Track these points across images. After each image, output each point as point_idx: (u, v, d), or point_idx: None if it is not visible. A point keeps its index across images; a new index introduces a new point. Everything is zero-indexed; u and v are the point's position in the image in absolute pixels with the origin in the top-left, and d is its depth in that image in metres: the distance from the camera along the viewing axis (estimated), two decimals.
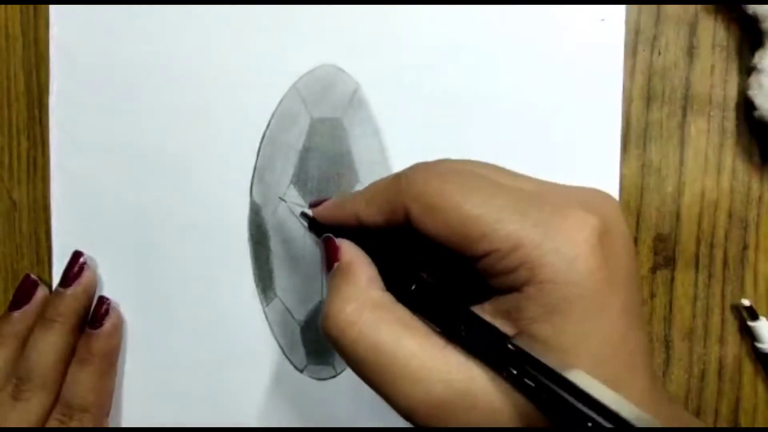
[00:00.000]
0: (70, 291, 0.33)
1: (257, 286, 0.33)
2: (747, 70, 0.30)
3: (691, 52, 0.31)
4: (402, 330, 0.21)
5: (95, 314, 0.33)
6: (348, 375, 0.33)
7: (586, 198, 0.22)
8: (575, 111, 0.31)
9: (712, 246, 0.31)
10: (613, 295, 0.20)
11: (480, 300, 0.22)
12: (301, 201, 0.33)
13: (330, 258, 0.24)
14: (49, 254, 0.35)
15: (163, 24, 0.33)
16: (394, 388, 0.21)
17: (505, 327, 0.21)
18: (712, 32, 0.31)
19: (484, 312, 0.21)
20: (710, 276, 0.31)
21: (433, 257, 0.24)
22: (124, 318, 0.34)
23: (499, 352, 0.20)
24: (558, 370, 0.18)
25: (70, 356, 0.33)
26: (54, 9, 0.34)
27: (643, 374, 0.21)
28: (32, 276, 0.34)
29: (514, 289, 0.20)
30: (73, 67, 0.34)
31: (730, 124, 0.31)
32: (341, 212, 0.26)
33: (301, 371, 0.33)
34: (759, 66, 0.29)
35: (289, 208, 0.32)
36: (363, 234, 0.25)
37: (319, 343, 0.33)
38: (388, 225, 0.23)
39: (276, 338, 0.33)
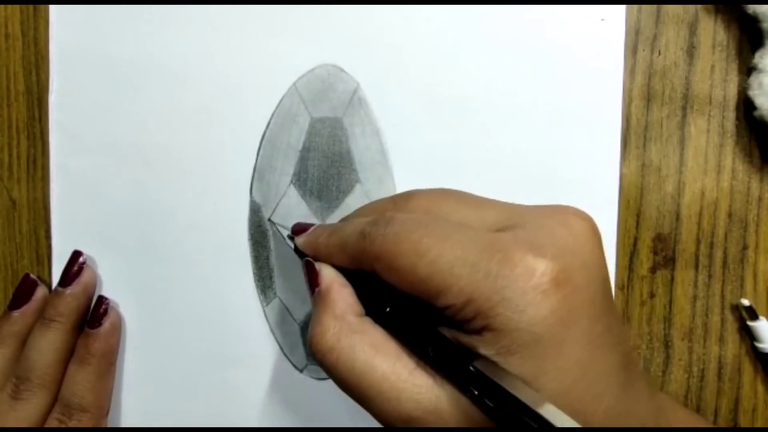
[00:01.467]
0: (69, 290, 0.33)
1: (257, 285, 0.33)
2: (747, 70, 0.30)
3: (691, 52, 0.31)
4: (374, 353, 0.23)
5: (94, 314, 0.33)
6: None
7: (549, 228, 0.22)
8: (575, 111, 0.31)
9: (712, 246, 0.31)
10: (571, 330, 0.21)
11: (450, 323, 0.23)
12: (300, 200, 0.33)
13: (311, 283, 0.26)
14: (48, 254, 0.35)
15: (163, 24, 0.33)
16: (370, 404, 0.23)
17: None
18: (712, 32, 0.31)
19: (454, 334, 0.23)
20: (710, 276, 0.31)
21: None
22: (123, 318, 0.34)
23: (462, 373, 0.21)
24: (511, 391, 0.20)
25: (69, 356, 0.33)
26: (54, 9, 0.34)
27: (612, 394, 0.22)
28: (32, 276, 0.34)
29: (476, 332, 0.22)
30: (73, 67, 0.34)
31: (730, 124, 0.31)
32: (319, 251, 0.27)
33: (301, 371, 0.33)
34: (759, 66, 0.29)
35: (277, 230, 0.33)
36: None
37: None
38: (360, 270, 0.25)
39: (276, 338, 0.33)
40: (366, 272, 0.25)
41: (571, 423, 0.19)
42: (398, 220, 0.23)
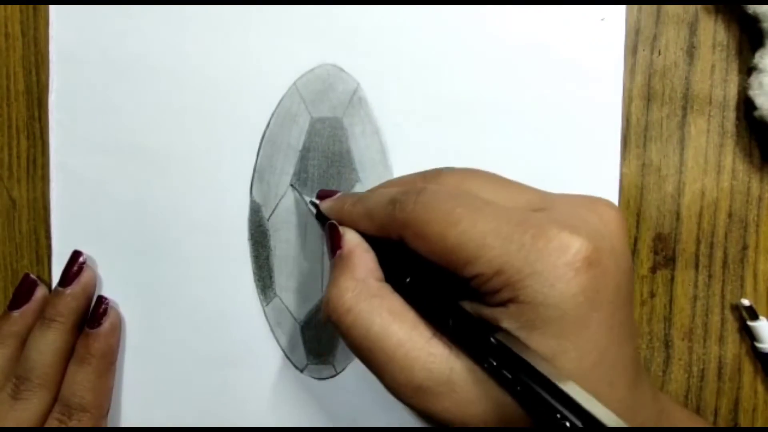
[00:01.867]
0: (69, 290, 0.33)
1: (257, 285, 0.33)
2: (747, 70, 0.30)
3: (691, 52, 0.31)
4: (392, 319, 0.23)
5: (94, 314, 0.33)
6: (348, 375, 0.33)
7: (580, 214, 0.22)
8: (575, 111, 0.31)
9: (712, 246, 0.31)
10: (596, 313, 0.21)
11: (473, 295, 0.23)
12: (300, 200, 0.33)
13: (333, 245, 0.26)
14: (48, 253, 0.35)
15: (163, 24, 0.33)
16: (382, 371, 0.23)
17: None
18: (712, 32, 0.31)
19: (475, 307, 0.23)
20: (710, 276, 0.31)
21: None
22: (123, 317, 0.34)
23: (481, 345, 0.21)
24: (534, 365, 0.20)
25: (69, 355, 0.33)
26: (54, 9, 0.34)
27: (624, 385, 0.22)
28: (31, 275, 0.34)
29: (501, 304, 0.21)
30: (73, 67, 0.34)
31: (730, 124, 0.31)
32: (343, 217, 0.27)
33: (302, 371, 0.33)
34: (759, 66, 0.29)
35: (300, 195, 0.33)
36: None
37: (319, 343, 0.33)
38: (385, 238, 0.25)
39: (276, 338, 0.33)
40: (389, 241, 0.24)
41: (596, 403, 0.19)
42: (430, 190, 0.23)
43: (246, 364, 0.34)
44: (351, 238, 0.26)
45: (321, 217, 0.29)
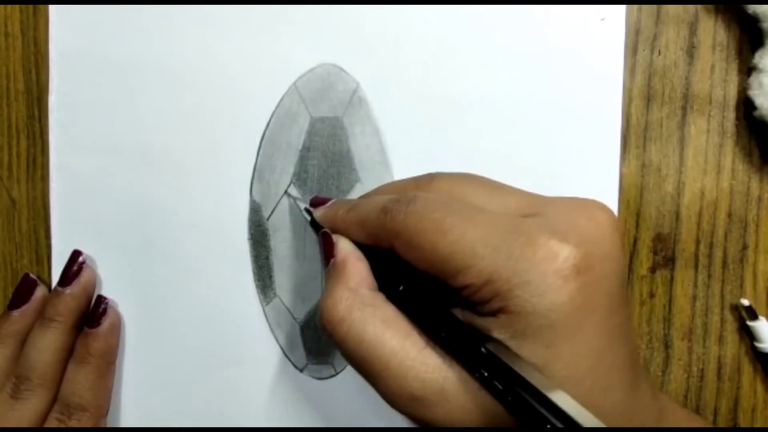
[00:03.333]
0: (69, 290, 0.33)
1: (257, 285, 0.33)
2: (747, 70, 0.30)
3: (691, 52, 0.31)
4: (385, 329, 0.23)
5: (93, 314, 0.33)
6: (348, 374, 0.33)
7: (571, 218, 0.22)
8: (575, 111, 0.31)
9: (711, 246, 0.31)
10: (588, 320, 0.21)
11: (465, 303, 0.23)
12: (303, 198, 0.33)
13: (327, 253, 0.26)
14: (48, 253, 0.35)
15: (163, 24, 0.33)
16: (376, 380, 0.23)
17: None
18: (712, 32, 0.31)
19: (467, 316, 0.23)
20: (710, 276, 0.31)
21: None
22: (122, 317, 0.34)
23: (473, 355, 0.21)
24: (523, 375, 0.20)
25: (68, 355, 0.33)
26: (54, 9, 0.34)
27: (621, 388, 0.22)
28: (31, 275, 0.34)
29: (491, 314, 0.21)
30: (73, 67, 0.34)
31: (730, 124, 0.31)
32: (336, 225, 0.27)
33: (301, 370, 0.33)
34: (759, 66, 0.29)
35: (294, 202, 0.33)
36: None
37: (319, 342, 0.33)
38: (377, 247, 0.25)
39: (276, 337, 0.33)
40: (382, 250, 0.24)
41: (583, 411, 0.19)
42: (421, 199, 0.23)
43: (246, 364, 0.34)
44: (344, 247, 0.26)
45: (315, 224, 0.29)
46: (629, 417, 0.22)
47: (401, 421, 0.33)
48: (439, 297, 0.23)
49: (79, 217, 0.34)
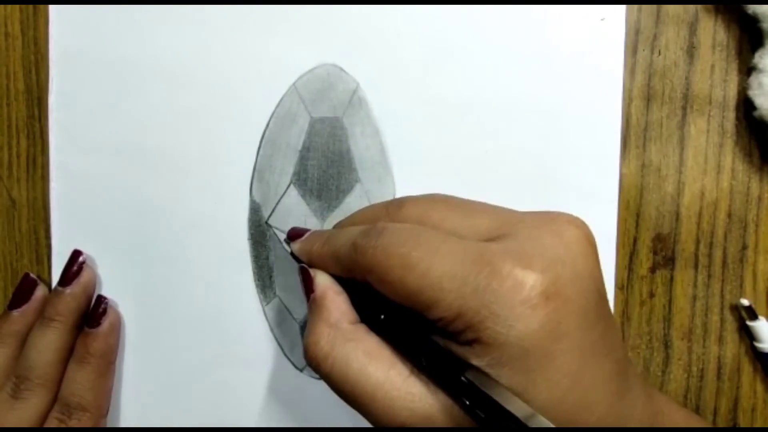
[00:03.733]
0: (69, 290, 0.33)
1: (257, 285, 0.33)
2: (747, 70, 0.30)
3: (691, 52, 0.31)
4: (368, 361, 0.23)
5: (93, 314, 0.33)
6: None
7: (539, 239, 0.22)
8: (575, 111, 0.31)
9: (711, 246, 0.31)
10: (561, 342, 0.21)
11: (443, 332, 0.23)
12: (300, 200, 0.33)
13: (306, 289, 0.27)
14: (48, 253, 0.35)
15: (163, 24, 0.33)
16: (366, 412, 0.23)
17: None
18: (712, 32, 0.31)
19: (447, 343, 0.23)
20: (709, 276, 0.31)
21: None
22: (122, 317, 0.34)
23: (454, 383, 0.21)
24: (502, 403, 0.20)
25: (68, 355, 0.33)
26: (54, 9, 0.34)
27: (605, 402, 0.22)
28: (31, 275, 0.34)
29: (467, 343, 0.22)
30: (72, 67, 0.34)
31: (730, 124, 0.31)
32: (313, 259, 0.27)
33: (301, 370, 0.34)
34: (759, 66, 0.29)
35: (274, 233, 0.33)
36: None
37: None
38: (354, 280, 0.25)
39: (276, 337, 0.33)
40: (359, 282, 0.25)
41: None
42: (388, 232, 0.23)
43: (245, 364, 0.34)
44: (322, 282, 0.26)
45: (295, 256, 0.29)
46: (619, 426, 0.22)
47: None
48: (419, 325, 0.23)
49: (79, 217, 0.34)
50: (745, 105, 0.30)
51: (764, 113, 0.29)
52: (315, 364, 0.24)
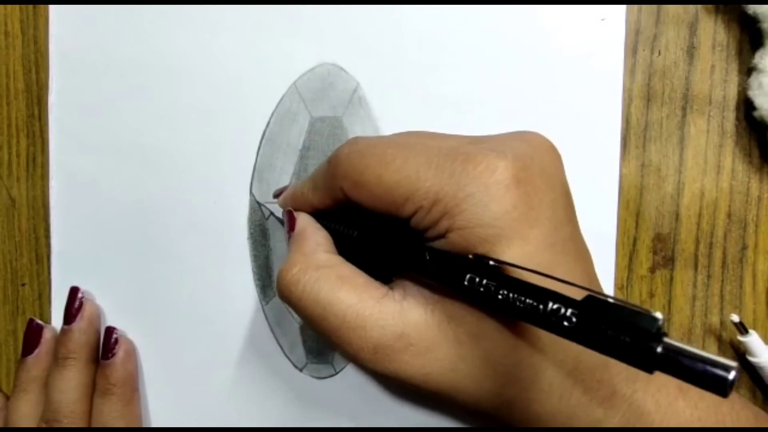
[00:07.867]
0: (75, 326, 0.32)
1: (256, 284, 0.33)
2: (747, 70, 0.30)
3: (691, 52, 0.31)
4: (341, 285, 0.24)
5: (105, 345, 0.33)
6: (347, 374, 0.33)
7: (508, 142, 0.23)
8: (575, 111, 0.31)
9: (711, 246, 0.31)
10: (533, 229, 0.22)
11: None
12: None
13: (288, 228, 0.27)
14: (48, 252, 0.35)
15: (163, 23, 0.33)
16: (336, 336, 0.23)
17: None
18: (712, 32, 0.31)
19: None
20: (709, 276, 0.31)
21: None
22: (135, 345, 0.34)
23: (460, 266, 0.21)
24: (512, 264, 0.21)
25: (91, 389, 0.33)
26: (54, 9, 0.34)
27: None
28: (36, 321, 0.34)
29: (441, 236, 0.22)
30: (72, 66, 0.34)
31: (730, 124, 0.31)
32: (296, 201, 0.28)
33: (301, 370, 0.34)
34: (759, 66, 0.29)
35: (256, 203, 0.33)
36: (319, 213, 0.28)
37: (318, 342, 0.33)
38: (337, 205, 0.26)
39: (275, 337, 0.33)
40: (343, 214, 0.25)
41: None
42: (361, 139, 0.24)
43: (245, 364, 0.34)
44: (302, 219, 0.27)
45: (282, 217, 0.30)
46: None
47: (401, 421, 0.33)
48: (396, 234, 0.24)
49: (79, 217, 0.34)
50: (745, 105, 0.30)
51: (764, 113, 0.29)
52: (286, 291, 0.24)
